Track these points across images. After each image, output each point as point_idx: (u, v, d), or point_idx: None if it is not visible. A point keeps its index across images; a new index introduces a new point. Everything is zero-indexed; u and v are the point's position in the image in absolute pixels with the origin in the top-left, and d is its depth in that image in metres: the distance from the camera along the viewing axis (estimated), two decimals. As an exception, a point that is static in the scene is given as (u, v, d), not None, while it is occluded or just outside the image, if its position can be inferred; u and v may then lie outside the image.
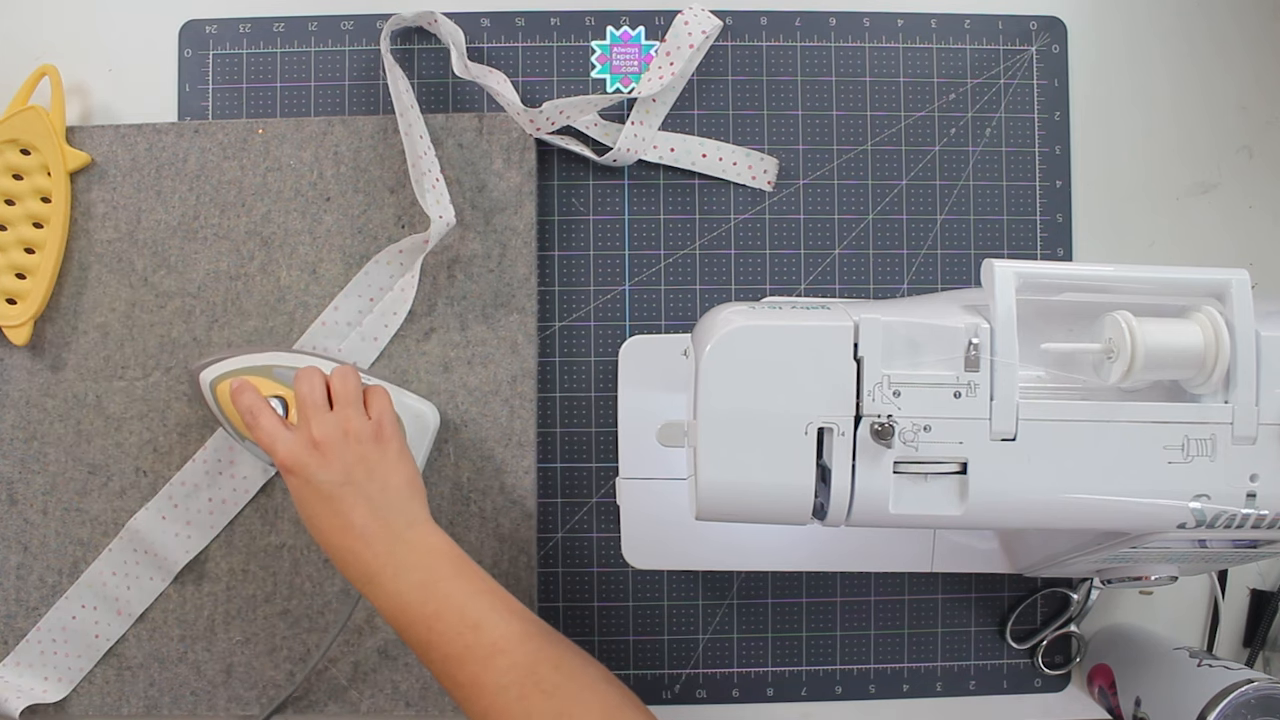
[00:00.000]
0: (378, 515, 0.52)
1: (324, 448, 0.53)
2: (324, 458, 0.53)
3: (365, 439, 0.54)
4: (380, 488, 0.53)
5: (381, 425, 0.55)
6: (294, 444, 0.53)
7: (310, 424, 0.54)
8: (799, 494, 0.47)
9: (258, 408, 0.55)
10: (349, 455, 0.53)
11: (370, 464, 0.53)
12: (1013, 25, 0.68)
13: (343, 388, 0.55)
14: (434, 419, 0.61)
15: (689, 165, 0.66)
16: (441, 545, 0.53)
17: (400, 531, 0.52)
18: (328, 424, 0.54)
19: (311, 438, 0.53)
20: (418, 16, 0.64)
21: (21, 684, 0.62)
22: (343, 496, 0.52)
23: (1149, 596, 0.67)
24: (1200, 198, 0.69)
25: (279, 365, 0.60)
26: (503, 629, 0.49)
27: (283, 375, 0.59)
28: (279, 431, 0.54)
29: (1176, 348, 0.45)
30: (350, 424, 0.54)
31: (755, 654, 0.66)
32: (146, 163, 0.64)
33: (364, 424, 0.54)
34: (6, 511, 0.63)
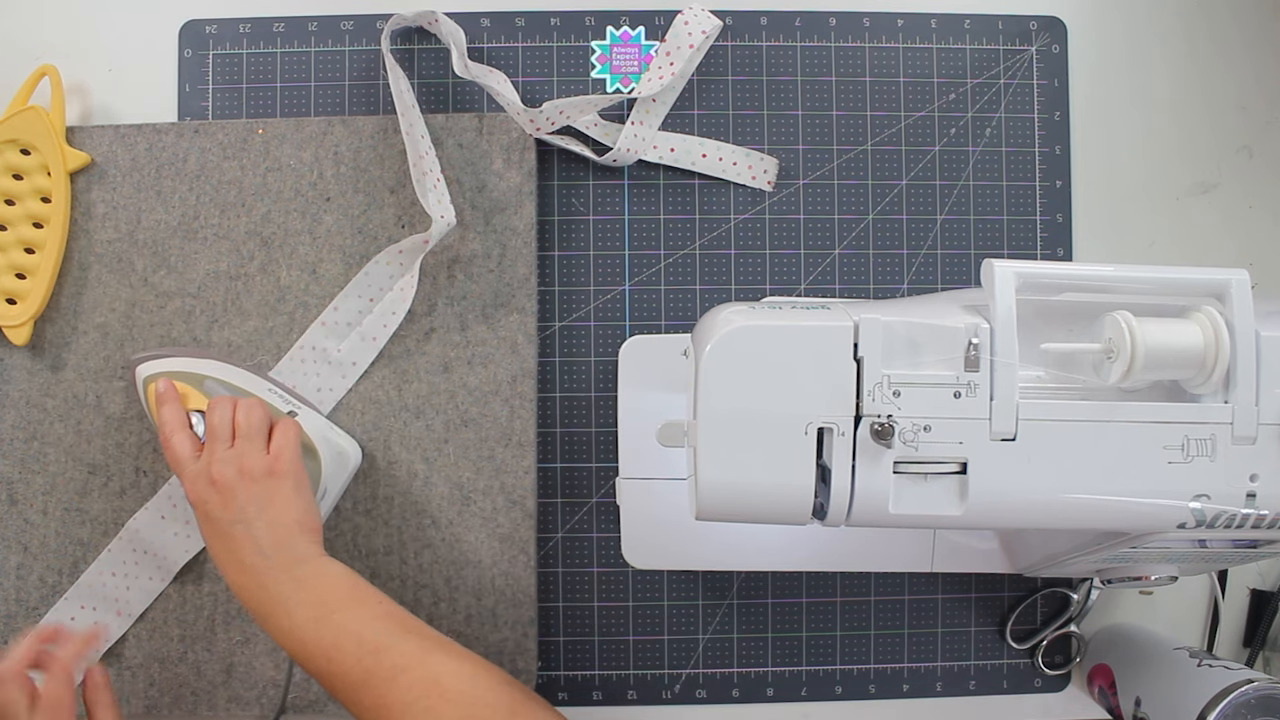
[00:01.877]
0: (266, 554, 0.52)
1: (220, 485, 0.54)
2: (220, 495, 0.54)
3: (259, 476, 0.54)
4: (269, 526, 0.53)
5: (278, 459, 0.55)
6: (196, 478, 0.55)
7: (212, 458, 0.55)
8: (799, 494, 0.47)
9: (173, 426, 0.57)
10: (242, 493, 0.53)
11: (261, 502, 0.54)
12: (1013, 25, 0.68)
13: (245, 421, 0.56)
14: (355, 456, 0.62)
15: (689, 165, 0.66)
16: (335, 576, 0.53)
17: (290, 568, 0.52)
18: (226, 461, 0.54)
19: (211, 474, 0.54)
20: (418, 16, 0.64)
21: (21, 684, 0.62)
22: (234, 535, 0.53)
23: (1149, 596, 0.67)
24: (1200, 198, 0.69)
25: (212, 378, 0.60)
26: (402, 648, 0.50)
27: (213, 389, 0.59)
28: (186, 460, 0.55)
29: (1176, 348, 0.45)
30: (246, 461, 0.54)
31: (755, 654, 0.66)
32: (146, 163, 0.64)
33: (259, 460, 0.55)
34: (6, 511, 0.63)
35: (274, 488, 0.54)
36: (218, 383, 0.60)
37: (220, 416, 0.56)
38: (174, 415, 0.57)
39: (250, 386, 0.61)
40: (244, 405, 0.57)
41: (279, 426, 0.57)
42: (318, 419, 0.61)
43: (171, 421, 0.57)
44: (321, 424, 0.61)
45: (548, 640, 0.66)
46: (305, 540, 0.54)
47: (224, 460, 0.54)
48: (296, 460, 0.56)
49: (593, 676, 0.66)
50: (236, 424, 0.56)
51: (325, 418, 0.62)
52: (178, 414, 0.57)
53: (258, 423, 0.56)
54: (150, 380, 0.60)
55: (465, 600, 0.63)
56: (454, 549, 0.63)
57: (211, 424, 0.56)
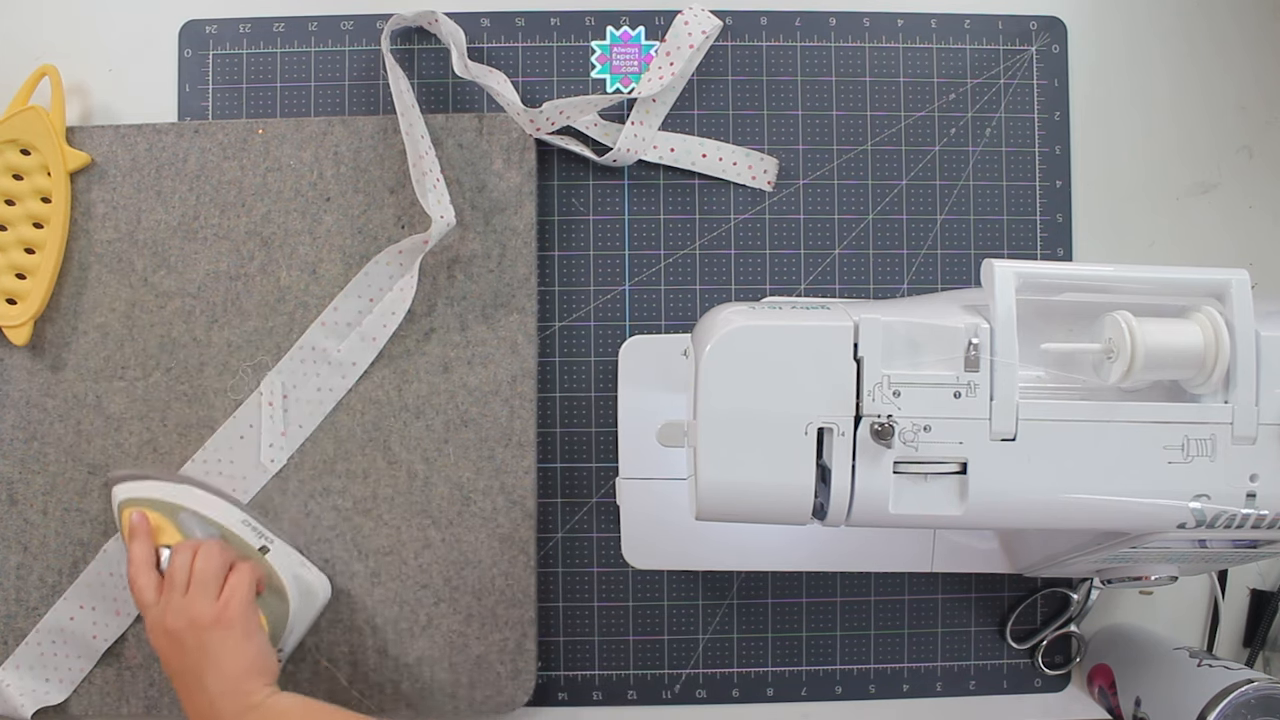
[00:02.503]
0: (214, 704, 0.53)
1: (172, 635, 0.55)
2: (171, 645, 0.55)
3: (207, 625, 0.54)
4: (218, 676, 0.53)
5: (226, 609, 0.55)
6: (154, 626, 0.56)
7: (167, 608, 0.55)
8: (799, 494, 0.47)
9: (139, 566, 0.58)
10: (190, 644, 0.54)
11: (209, 651, 0.54)
12: (1013, 25, 0.68)
13: (201, 568, 0.56)
14: (324, 593, 0.62)
15: (689, 165, 0.66)
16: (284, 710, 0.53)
17: (241, 714, 0.53)
18: (179, 611, 0.55)
19: (165, 625, 0.55)
20: (418, 16, 0.64)
21: (24, 685, 0.62)
22: (188, 685, 0.54)
23: (1149, 596, 0.67)
24: (1200, 198, 0.69)
25: (187, 509, 0.60)
26: None
27: (186, 523, 0.60)
28: (148, 605, 0.56)
29: (1176, 348, 0.45)
30: (194, 610, 0.55)
31: (755, 654, 0.66)
32: (146, 163, 0.64)
33: (208, 609, 0.55)
34: (6, 511, 0.63)
35: (221, 638, 0.54)
36: (191, 515, 0.60)
37: (180, 563, 0.57)
38: (141, 553, 0.58)
39: (224, 520, 0.61)
40: (203, 551, 0.57)
41: (234, 572, 0.57)
42: (290, 554, 0.62)
43: (139, 560, 0.58)
44: (294, 559, 0.62)
45: (548, 640, 0.66)
46: (257, 684, 0.54)
47: (177, 610, 0.55)
48: (245, 606, 0.56)
49: (593, 676, 0.66)
50: (193, 570, 0.56)
51: (298, 552, 0.62)
52: (145, 551, 0.58)
53: (214, 571, 0.56)
54: (125, 506, 0.60)
55: (465, 600, 0.63)
56: (454, 549, 0.63)
57: (170, 571, 0.57)
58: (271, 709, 0.53)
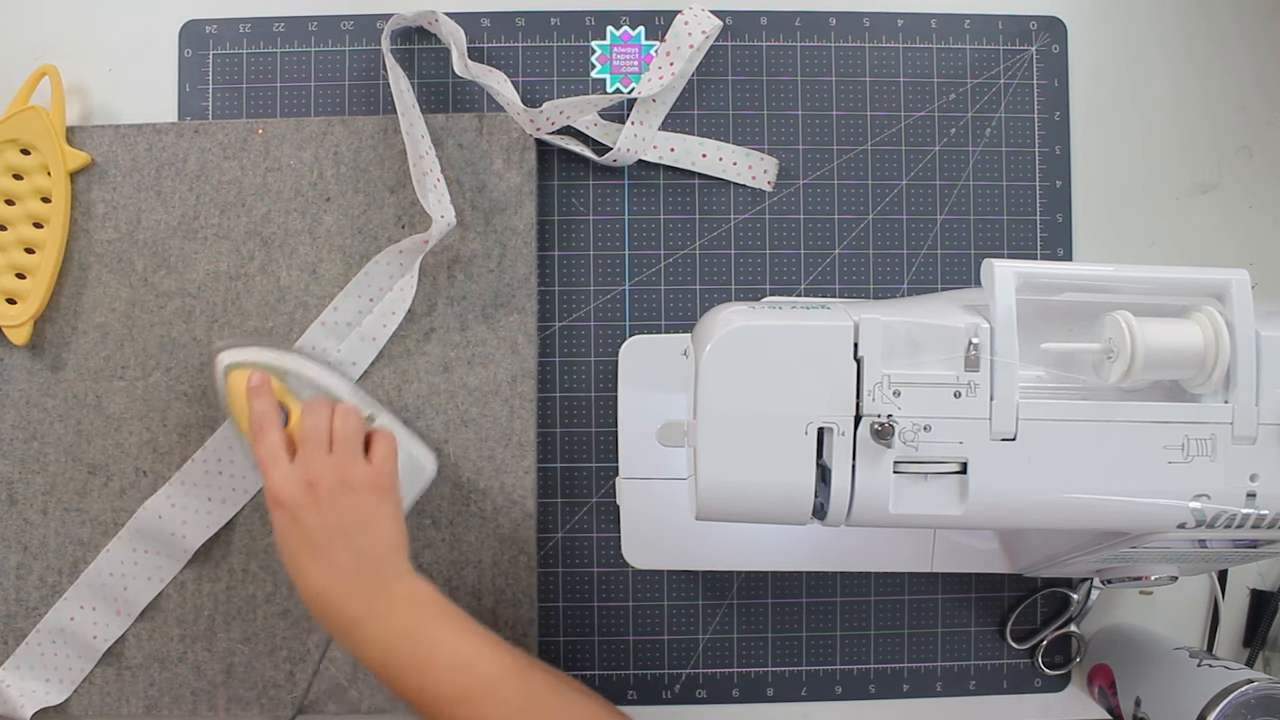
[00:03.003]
0: (363, 568, 0.51)
1: (318, 490, 0.52)
2: (317, 501, 0.51)
3: (361, 487, 0.52)
4: (370, 541, 0.51)
5: (380, 474, 0.53)
6: (289, 478, 0.52)
7: (309, 462, 0.52)
8: (799, 494, 0.47)
9: (269, 421, 0.54)
10: (342, 503, 0.52)
11: (363, 515, 0.52)
12: (1013, 25, 0.68)
13: (344, 429, 0.54)
14: (431, 469, 0.60)
15: (689, 165, 0.66)
16: (426, 593, 0.52)
17: (386, 583, 0.51)
18: (326, 467, 0.52)
19: (308, 477, 0.52)
20: (418, 16, 0.64)
21: (24, 686, 0.62)
22: (330, 544, 0.51)
23: (1149, 596, 0.67)
24: (1200, 198, 0.69)
25: (295, 372, 0.58)
26: (497, 663, 0.49)
27: (296, 386, 0.57)
28: (279, 457, 0.53)
29: (1176, 348, 0.45)
30: (348, 469, 0.53)
31: (755, 654, 0.66)
32: (146, 163, 0.64)
33: (363, 471, 0.53)
34: (6, 511, 0.63)
35: (378, 502, 0.52)
36: (301, 380, 0.57)
37: (317, 420, 0.54)
38: (269, 408, 0.54)
39: (335, 387, 0.59)
40: (341, 412, 0.55)
41: (378, 438, 0.55)
42: (398, 426, 0.60)
43: (267, 414, 0.54)
44: (401, 432, 0.60)
45: (548, 640, 0.66)
46: (400, 557, 0.52)
47: (324, 465, 0.52)
48: (396, 475, 0.54)
49: (593, 676, 0.66)
50: (335, 431, 0.54)
51: (403, 425, 0.61)
52: (273, 407, 0.54)
53: (356, 430, 0.54)
54: (233, 369, 0.57)
55: (465, 600, 0.63)
56: (454, 549, 0.63)
57: (308, 426, 0.54)
58: (415, 587, 0.51)
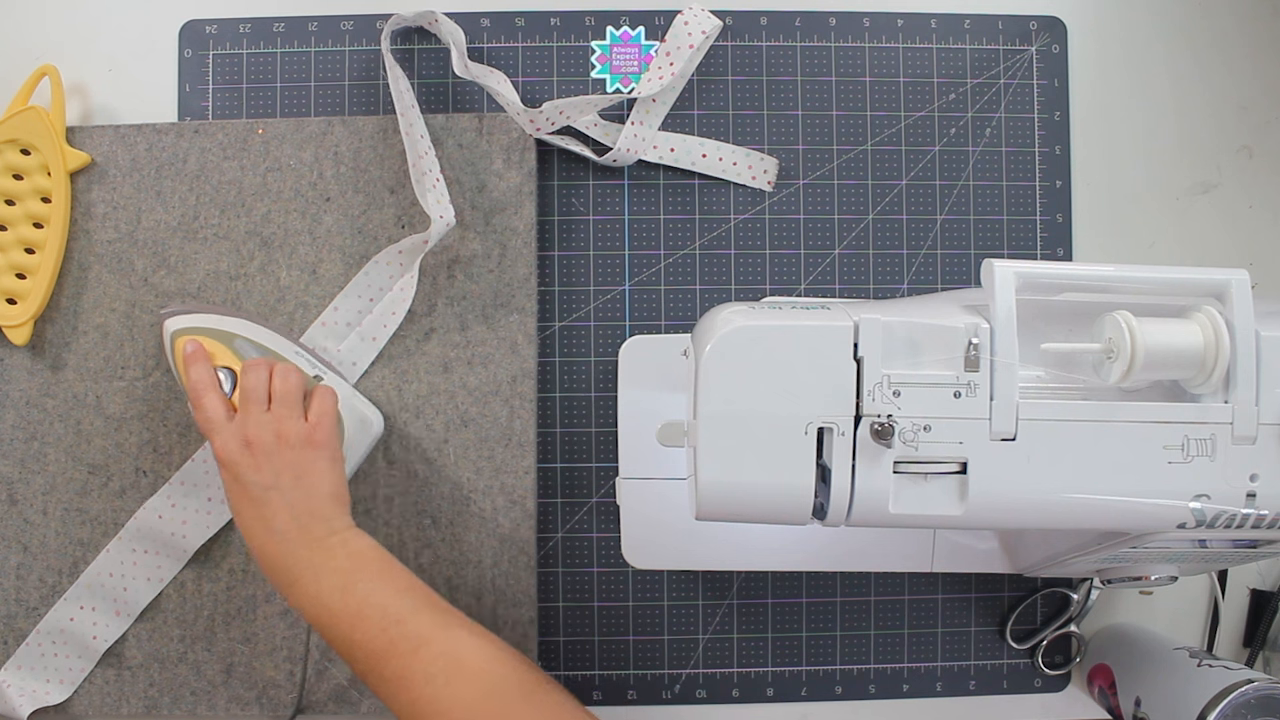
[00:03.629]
0: (299, 522, 0.52)
1: (255, 448, 0.53)
2: (254, 459, 0.53)
3: (297, 443, 0.54)
4: (305, 495, 0.53)
5: (317, 429, 0.55)
6: (229, 439, 0.54)
7: (247, 421, 0.54)
8: (799, 494, 0.47)
9: (204, 386, 0.55)
10: (278, 460, 0.53)
11: (298, 470, 0.53)
12: (1013, 25, 0.68)
13: (282, 387, 0.55)
14: (378, 425, 0.61)
15: (689, 165, 0.66)
16: (364, 548, 0.53)
17: (321, 538, 0.52)
18: (262, 424, 0.54)
19: (245, 436, 0.53)
20: (418, 16, 0.64)
21: (25, 686, 0.62)
22: (267, 500, 0.52)
23: (1149, 596, 0.67)
24: (1200, 198, 0.69)
25: (242, 336, 0.59)
26: (425, 620, 0.50)
27: (243, 348, 0.59)
28: (219, 421, 0.54)
29: (1176, 348, 0.45)
30: (283, 426, 0.54)
31: (755, 654, 0.66)
32: (146, 163, 0.64)
33: (298, 427, 0.54)
34: (6, 511, 0.63)
35: (312, 457, 0.54)
36: (247, 342, 0.59)
37: (256, 378, 0.55)
38: (204, 374, 0.56)
39: (279, 348, 0.60)
40: (280, 370, 0.56)
41: (317, 394, 0.57)
42: (343, 385, 0.61)
43: (201, 380, 0.56)
44: (347, 391, 0.61)
45: (548, 640, 0.66)
46: (339, 510, 0.54)
47: (260, 423, 0.54)
48: (334, 430, 0.56)
49: (593, 676, 0.66)
50: (273, 388, 0.55)
51: (348, 384, 0.62)
52: (208, 373, 0.56)
53: (294, 388, 0.55)
54: (178, 336, 0.59)
55: (465, 600, 0.63)
56: (454, 549, 0.63)
57: (246, 385, 0.55)
58: (351, 542, 0.53)
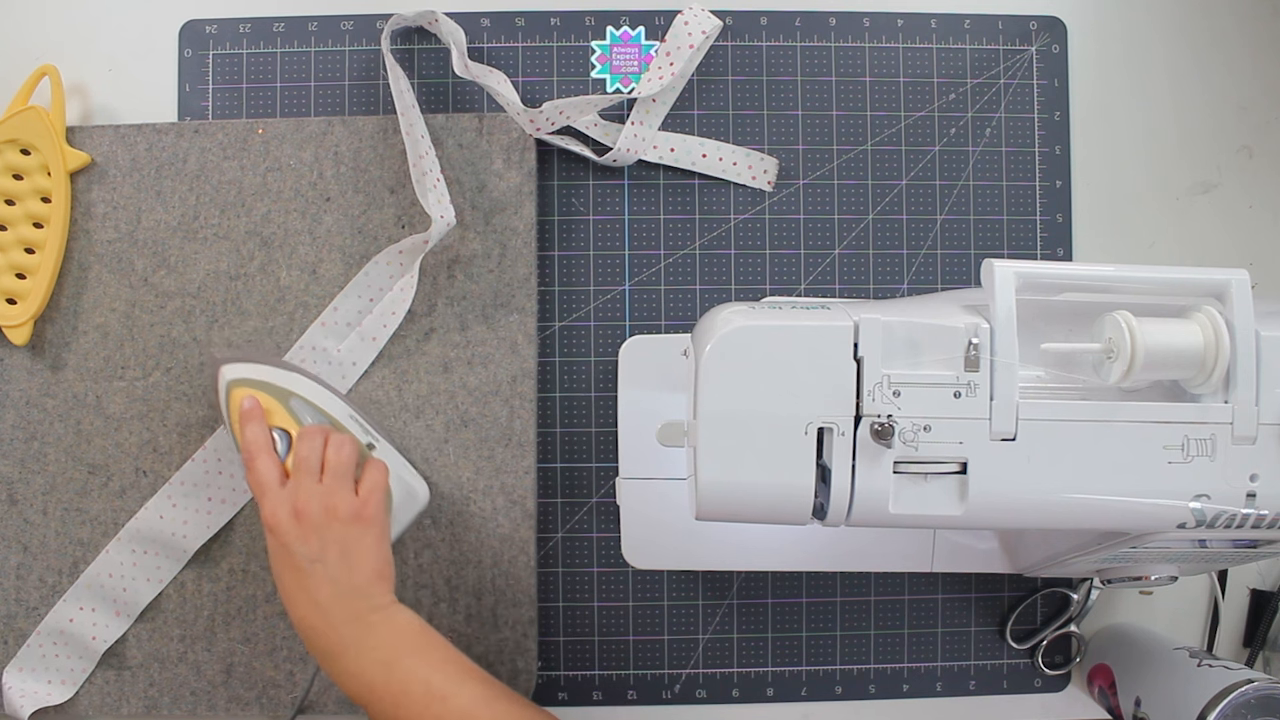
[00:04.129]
0: (342, 597, 0.52)
1: (304, 519, 0.53)
2: (302, 530, 0.53)
3: (346, 518, 0.53)
4: (350, 570, 0.53)
5: (367, 504, 0.55)
6: (279, 505, 0.53)
7: (298, 491, 0.54)
8: (799, 494, 0.47)
9: (258, 447, 0.56)
10: (326, 534, 0.53)
11: (345, 545, 0.53)
12: (1013, 25, 0.68)
13: (336, 458, 0.55)
14: (424, 496, 0.61)
15: (689, 165, 0.66)
16: (405, 624, 0.53)
17: (364, 614, 0.52)
18: (314, 495, 0.53)
19: (296, 505, 0.53)
20: (418, 16, 0.64)
21: (26, 688, 0.62)
22: (312, 573, 0.52)
23: (1149, 596, 0.67)
24: (1200, 198, 0.69)
25: (299, 396, 0.59)
26: (469, 694, 0.51)
27: (299, 410, 0.59)
28: (270, 485, 0.54)
29: (1176, 348, 0.45)
30: (334, 499, 0.54)
31: (755, 654, 0.66)
32: (146, 163, 0.64)
33: (349, 502, 0.54)
34: (6, 511, 0.63)
35: (359, 533, 0.54)
36: (304, 403, 0.59)
37: (310, 448, 0.55)
38: (259, 435, 0.56)
39: (335, 412, 0.60)
40: (335, 441, 0.56)
41: (369, 468, 0.57)
42: (393, 455, 0.61)
43: (257, 441, 0.56)
44: (397, 462, 0.61)
45: (548, 640, 0.66)
46: (383, 588, 0.54)
47: (311, 494, 0.53)
48: (383, 506, 0.55)
49: (593, 676, 0.66)
50: (326, 458, 0.55)
51: (399, 454, 0.62)
52: (263, 434, 0.56)
53: (348, 460, 0.55)
54: (235, 386, 0.58)
55: (465, 600, 0.63)
56: (454, 549, 0.63)
57: (301, 454, 0.55)
58: (394, 619, 0.52)
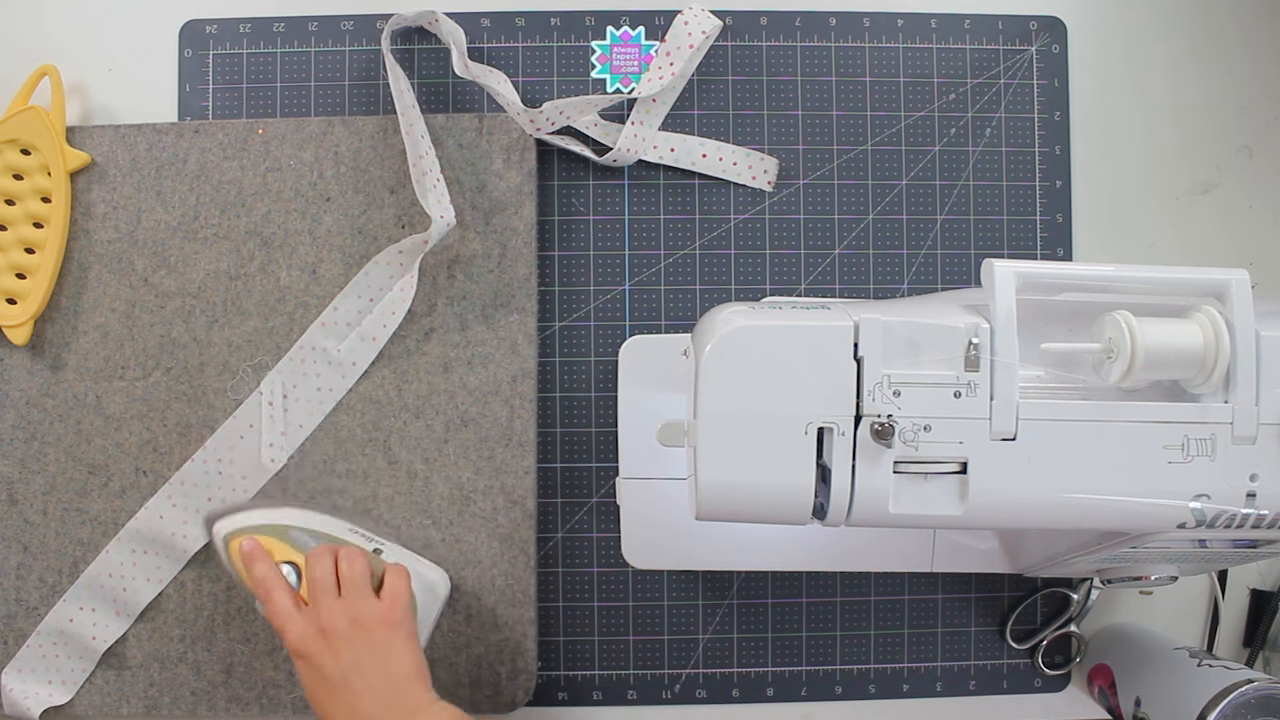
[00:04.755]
0: (384, 704, 0.52)
1: (332, 636, 0.53)
2: (331, 646, 0.53)
3: (373, 624, 0.54)
4: (387, 676, 0.52)
5: (393, 609, 0.55)
6: (304, 630, 0.53)
7: (320, 610, 0.54)
8: (799, 494, 0.47)
9: (271, 583, 0.56)
10: (356, 644, 0.53)
11: (377, 652, 0.53)
12: (1013, 25, 0.68)
13: (350, 571, 0.55)
14: (444, 588, 0.61)
15: (689, 165, 0.66)
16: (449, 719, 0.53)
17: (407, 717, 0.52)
18: (336, 611, 0.54)
19: (321, 625, 0.53)
20: (418, 16, 0.64)
21: (27, 689, 0.62)
22: (349, 687, 0.52)
23: (1149, 596, 0.67)
24: (1200, 198, 0.69)
25: (295, 527, 0.59)
26: None
27: (299, 539, 0.59)
28: (290, 614, 0.54)
29: (1176, 348, 0.45)
30: (358, 610, 0.54)
31: (755, 654, 0.66)
32: (146, 163, 0.64)
33: (373, 609, 0.54)
34: (6, 511, 0.63)
35: (389, 637, 0.53)
36: (302, 532, 0.59)
37: (322, 568, 0.55)
38: (268, 570, 0.56)
39: (334, 531, 0.60)
40: (345, 554, 0.56)
41: (390, 572, 0.57)
42: (404, 554, 0.61)
43: (267, 577, 0.56)
44: (409, 557, 0.61)
45: (548, 640, 0.66)
46: (421, 688, 0.53)
47: (334, 610, 0.54)
48: (409, 607, 0.56)
49: (593, 676, 0.66)
50: (340, 574, 0.55)
51: (410, 551, 0.62)
52: (271, 569, 0.56)
53: (361, 571, 0.56)
54: (232, 537, 0.59)
55: (465, 600, 0.63)
56: (454, 549, 0.63)
57: (314, 575, 0.55)
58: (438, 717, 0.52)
